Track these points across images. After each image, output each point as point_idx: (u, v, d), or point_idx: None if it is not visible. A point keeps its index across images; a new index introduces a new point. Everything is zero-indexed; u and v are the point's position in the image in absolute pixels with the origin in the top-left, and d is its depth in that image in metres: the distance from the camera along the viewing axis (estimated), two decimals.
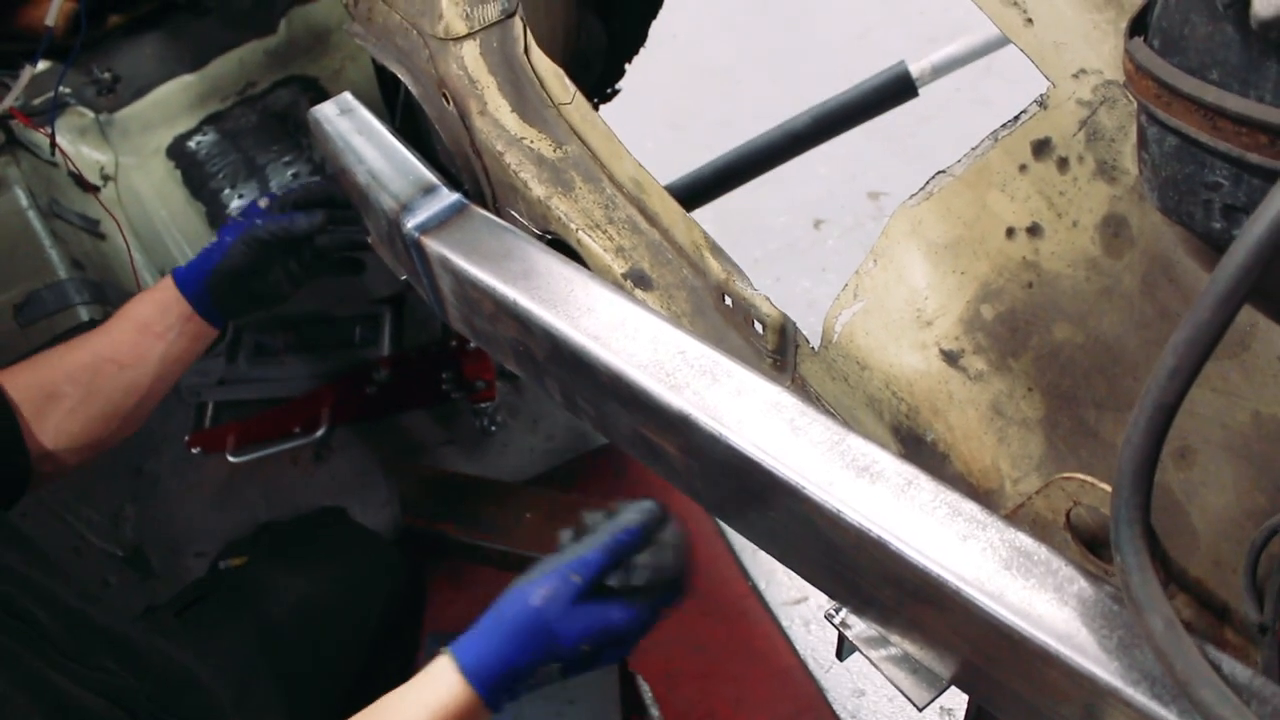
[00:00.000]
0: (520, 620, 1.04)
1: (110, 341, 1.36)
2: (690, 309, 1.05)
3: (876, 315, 0.88)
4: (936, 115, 2.39)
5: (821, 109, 1.91)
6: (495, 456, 2.13)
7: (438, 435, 2.18)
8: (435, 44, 1.19)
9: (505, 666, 1.04)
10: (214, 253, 1.37)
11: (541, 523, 1.94)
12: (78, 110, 2.14)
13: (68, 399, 1.32)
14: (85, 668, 1.09)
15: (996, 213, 0.86)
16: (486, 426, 2.10)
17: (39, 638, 1.06)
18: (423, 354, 2.02)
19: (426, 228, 1.11)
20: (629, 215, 1.10)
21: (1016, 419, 0.82)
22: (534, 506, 1.97)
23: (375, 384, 2.09)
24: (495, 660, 1.04)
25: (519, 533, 1.95)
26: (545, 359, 1.04)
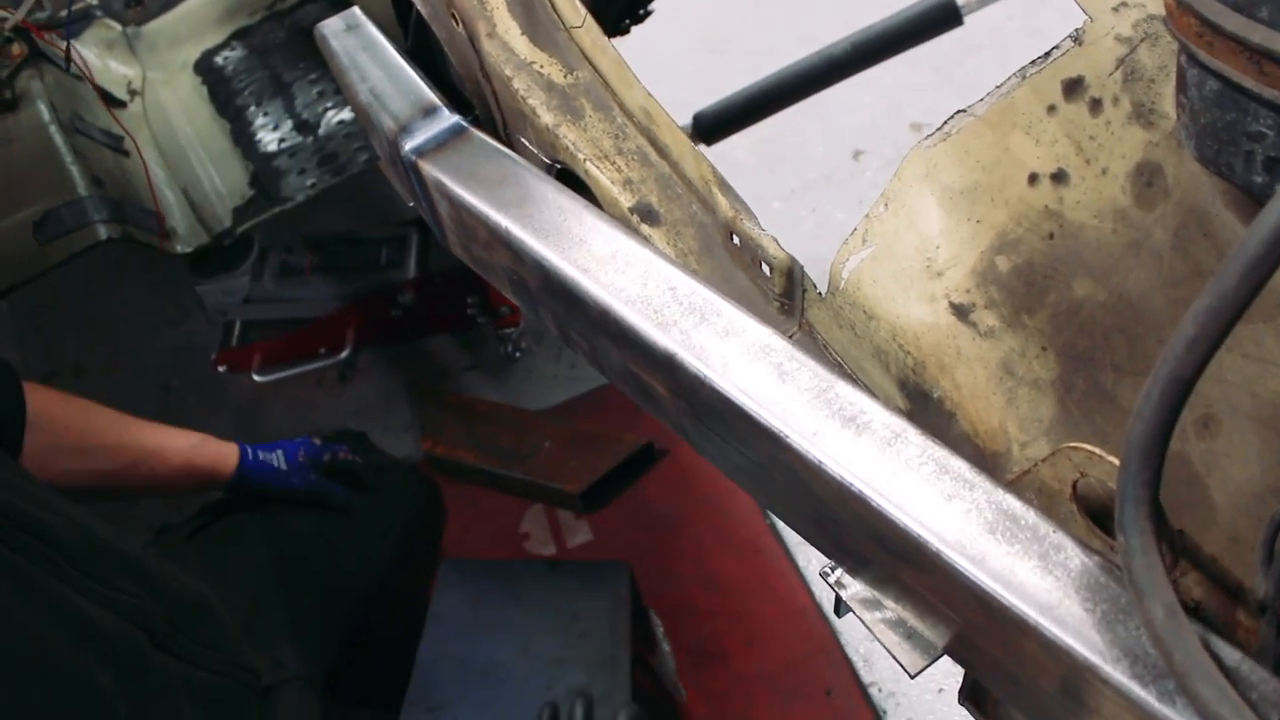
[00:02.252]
0: None
1: (160, 457, 1.48)
2: (698, 246, 1.00)
3: (885, 263, 0.83)
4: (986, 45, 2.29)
5: (861, 36, 1.82)
6: (518, 383, 2.10)
7: (462, 360, 2.16)
8: None
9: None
10: (278, 481, 1.58)
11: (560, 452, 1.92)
12: (105, 23, 2.11)
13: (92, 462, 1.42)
14: (103, 588, 1.10)
15: (1019, 157, 0.80)
16: (511, 353, 2.07)
17: (58, 558, 1.06)
18: (448, 278, 1.99)
19: (423, 150, 1.07)
20: (639, 146, 1.05)
21: (1028, 380, 0.77)
22: (553, 436, 1.95)
23: (400, 307, 2.07)
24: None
25: (537, 462, 1.93)
26: (538, 289, 1.00)
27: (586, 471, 1.87)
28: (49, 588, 1.03)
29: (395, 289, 2.03)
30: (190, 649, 1.18)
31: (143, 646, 1.12)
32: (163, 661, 1.13)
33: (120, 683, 1.06)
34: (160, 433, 1.50)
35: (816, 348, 0.92)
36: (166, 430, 1.51)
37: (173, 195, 1.84)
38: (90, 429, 1.43)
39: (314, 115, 1.93)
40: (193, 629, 1.22)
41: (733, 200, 0.96)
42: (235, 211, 1.81)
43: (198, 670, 1.18)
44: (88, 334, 2.27)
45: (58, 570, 1.06)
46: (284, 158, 1.87)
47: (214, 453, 1.53)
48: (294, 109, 1.97)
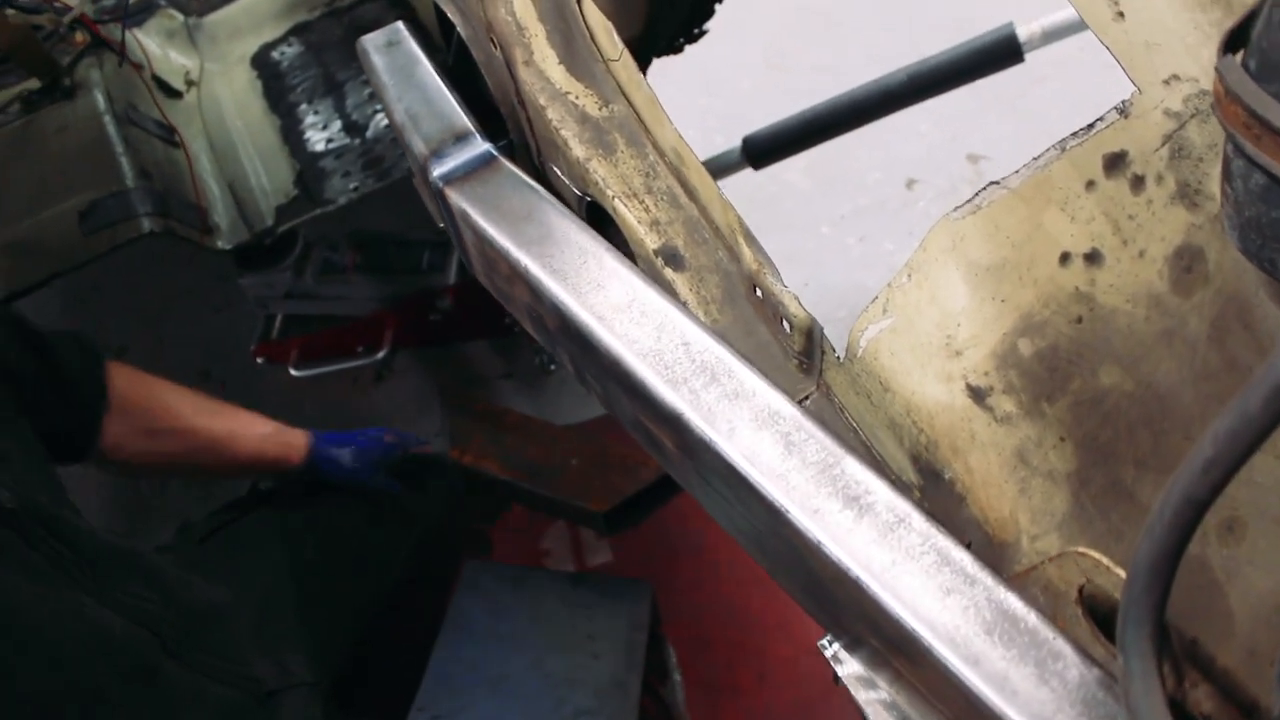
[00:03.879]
0: None
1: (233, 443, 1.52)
2: (721, 295, 0.98)
3: (904, 336, 0.80)
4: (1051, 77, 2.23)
5: (919, 68, 1.78)
6: (551, 395, 2.09)
7: (497, 367, 2.16)
8: None
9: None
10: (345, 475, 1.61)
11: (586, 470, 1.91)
12: (168, 13, 2.13)
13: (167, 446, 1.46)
14: (118, 593, 1.10)
15: (1052, 234, 0.77)
16: (545, 364, 2.06)
17: (78, 560, 1.07)
18: None
19: (451, 178, 1.06)
20: (669, 187, 1.03)
21: (1043, 470, 0.74)
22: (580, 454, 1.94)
23: (439, 311, 2.07)
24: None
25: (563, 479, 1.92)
26: (555, 330, 0.98)
27: (612, 492, 1.85)
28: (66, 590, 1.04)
29: (435, 293, 2.03)
30: (198, 657, 1.19)
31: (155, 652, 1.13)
32: (172, 669, 1.14)
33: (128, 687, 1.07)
34: (233, 419, 1.54)
35: (832, 410, 0.90)
36: (239, 416, 1.55)
37: (218, 189, 1.85)
38: (166, 412, 1.47)
39: (363, 117, 1.93)
40: (201, 637, 1.22)
41: (757, 252, 0.93)
42: (278, 210, 1.81)
43: (204, 679, 1.18)
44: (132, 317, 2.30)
45: (75, 573, 1.07)
46: (330, 159, 1.87)
47: (284, 444, 1.57)
48: (344, 109, 1.97)
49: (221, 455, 1.51)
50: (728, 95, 2.48)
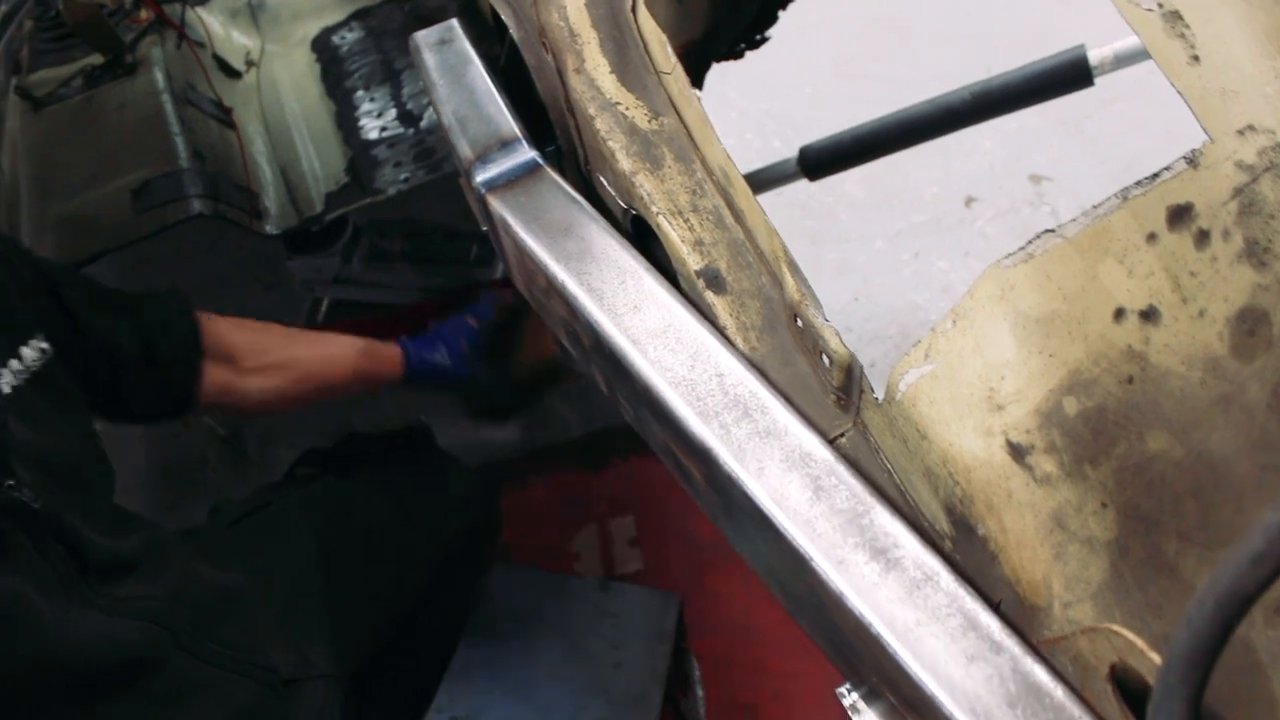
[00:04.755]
0: None
1: (328, 366, 1.56)
2: (761, 322, 0.96)
3: (945, 384, 0.77)
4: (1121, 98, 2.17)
5: (982, 87, 1.73)
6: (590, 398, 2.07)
7: None
8: None
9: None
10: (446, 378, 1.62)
11: None
12: None
13: (268, 381, 1.50)
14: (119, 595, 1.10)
15: (1107, 288, 0.73)
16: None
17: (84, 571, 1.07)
18: None
19: (494, 185, 1.04)
20: (715, 206, 1.01)
21: (1081, 536, 0.71)
22: None
23: None
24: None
25: None
26: (589, 348, 0.97)
27: None
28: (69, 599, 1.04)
29: (481, 286, 2.02)
30: (210, 649, 1.18)
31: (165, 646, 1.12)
32: (181, 661, 1.14)
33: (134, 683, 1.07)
34: (323, 343, 1.58)
35: (867, 450, 0.87)
36: (328, 340, 1.59)
37: (271, 173, 1.85)
38: (260, 349, 1.50)
39: (418, 107, 1.92)
40: (212, 629, 1.22)
41: (800, 283, 0.91)
42: (328, 197, 1.81)
43: (215, 670, 1.18)
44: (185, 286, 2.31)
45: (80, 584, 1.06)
46: (383, 147, 1.86)
47: (377, 357, 1.59)
48: (400, 98, 1.97)
49: (321, 381, 1.54)
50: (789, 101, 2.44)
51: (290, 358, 1.52)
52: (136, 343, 1.34)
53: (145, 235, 1.65)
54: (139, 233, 1.65)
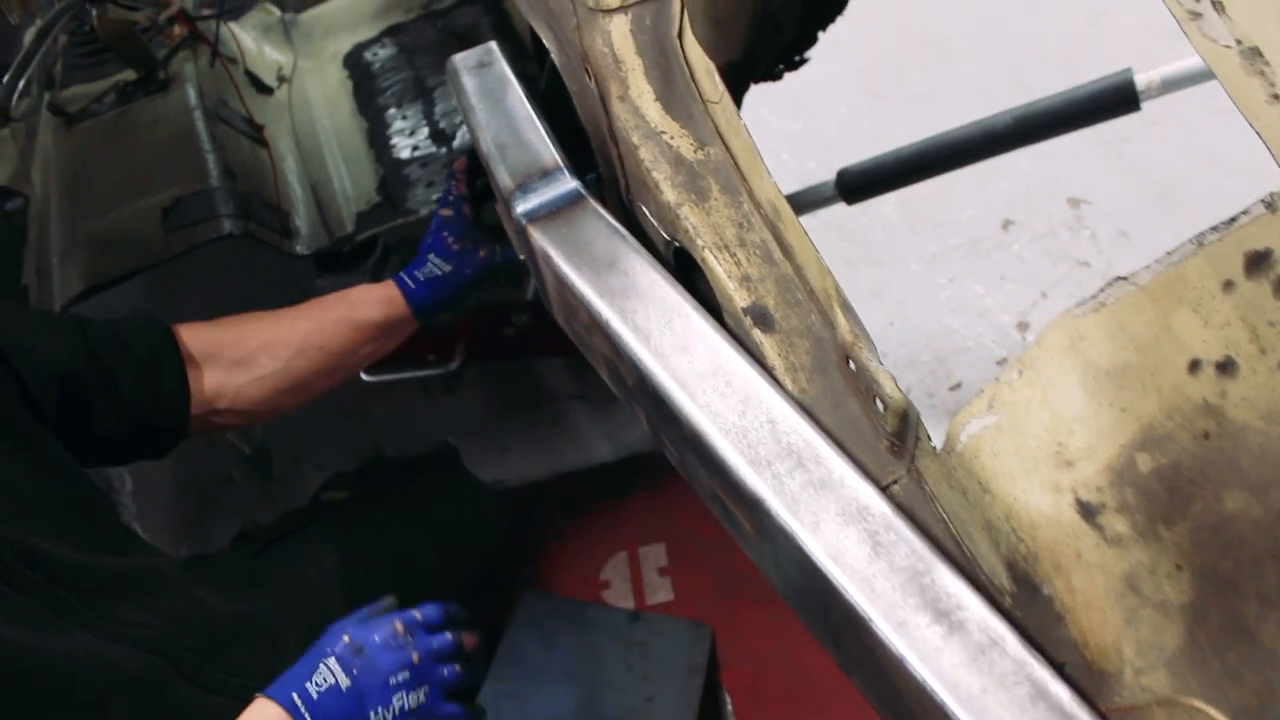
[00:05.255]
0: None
1: (320, 330, 1.41)
2: (810, 363, 0.93)
3: (1010, 437, 0.74)
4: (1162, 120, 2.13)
5: (1026, 111, 1.70)
6: (621, 421, 2.05)
7: (569, 387, 2.12)
8: (584, 12, 1.08)
9: None
10: (452, 282, 1.44)
11: None
12: (266, 7, 2.12)
13: (260, 368, 1.37)
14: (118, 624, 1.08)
15: (1182, 339, 0.70)
16: None
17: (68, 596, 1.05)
18: None
19: (535, 216, 1.02)
20: (763, 240, 0.98)
21: (1154, 599, 0.68)
22: None
23: (514, 326, 2.04)
24: None
25: None
26: (633, 386, 0.94)
27: None
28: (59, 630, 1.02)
29: (512, 308, 1.99)
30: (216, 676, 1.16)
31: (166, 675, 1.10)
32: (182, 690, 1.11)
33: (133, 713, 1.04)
34: (310, 310, 1.45)
35: (922, 499, 0.84)
36: (313, 306, 1.45)
37: (301, 192, 1.83)
38: (243, 338, 1.39)
39: (450, 126, 1.90)
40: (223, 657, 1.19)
41: (854, 324, 0.88)
42: (359, 217, 1.79)
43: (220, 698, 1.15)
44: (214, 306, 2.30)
45: (67, 608, 1.04)
46: (415, 166, 1.84)
47: (374, 301, 1.44)
48: (433, 116, 1.95)
49: (321, 347, 1.41)
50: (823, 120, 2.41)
51: (277, 336, 1.39)
52: (96, 365, 1.24)
53: (175, 254, 1.63)
54: (169, 252, 1.63)
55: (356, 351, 1.44)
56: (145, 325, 1.34)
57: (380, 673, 1.12)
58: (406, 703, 1.12)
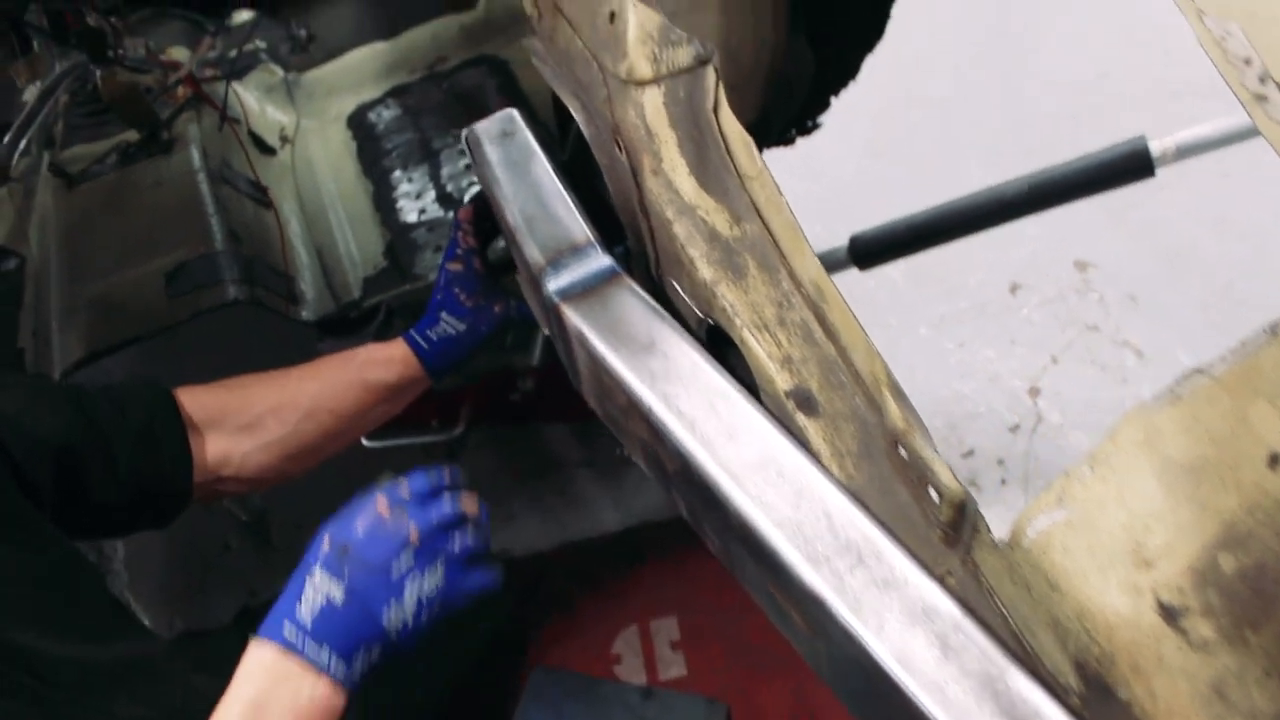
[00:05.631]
0: None
1: (330, 392, 1.35)
2: (857, 448, 0.90)
3: (1082, 534, 0.71)
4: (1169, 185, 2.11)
5: (1040, 178, 1.70)
6: (631, 488, 2.01)
7: (576, 454, 2.08)
8: (615, 84, 1.06)
9: None
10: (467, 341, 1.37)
11: None
12: (269, 67, 2.11)
13: (267, 433, 1.30)
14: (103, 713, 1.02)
15: (1259, 432, 0.68)
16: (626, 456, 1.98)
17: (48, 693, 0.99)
18: None
19: (569, 294, 0.99)
20: (803, 320, 0.95)
21: (1243, 708, 0.64)
22: None
23: (520, 391, 2.00)
24: None
25: None
26: (674, 474, 0.91)
27: None
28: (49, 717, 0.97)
29: (517, 373, 1.96)
30: None
31: None
32: None
33: None
34: (318, 370, 1.37)
35: (978, 592, 0.81)
36: (322, 365, 1.38)
37: (307, 255, 1.81)
38: (248, 402, 1.32)
39: (458, 189, 1.88)
40: None
41: (906, 410, 0.85)
42: (365, 282, 1.76)
43: None
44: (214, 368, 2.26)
45: (53, 708, 0.98)
46: (422, 231, 1.82)
47: (385, 361, 1.37)
48: (439, 178, 1.93)
49: (329, 411, 1.34)
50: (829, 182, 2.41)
51: (284, 399, 1.33)
52: (93, 435, 1.18)
53: (179, 321, 1.60)
54: (173, 318, 1.60)
55: (367, 414, 1.38)
56: (144, 391, 1.28)
57: (377, 567, 0.97)
58: (422, 589, 0.98)
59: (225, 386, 1.35)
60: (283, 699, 0.92)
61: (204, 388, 1.33)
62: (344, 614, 0.94)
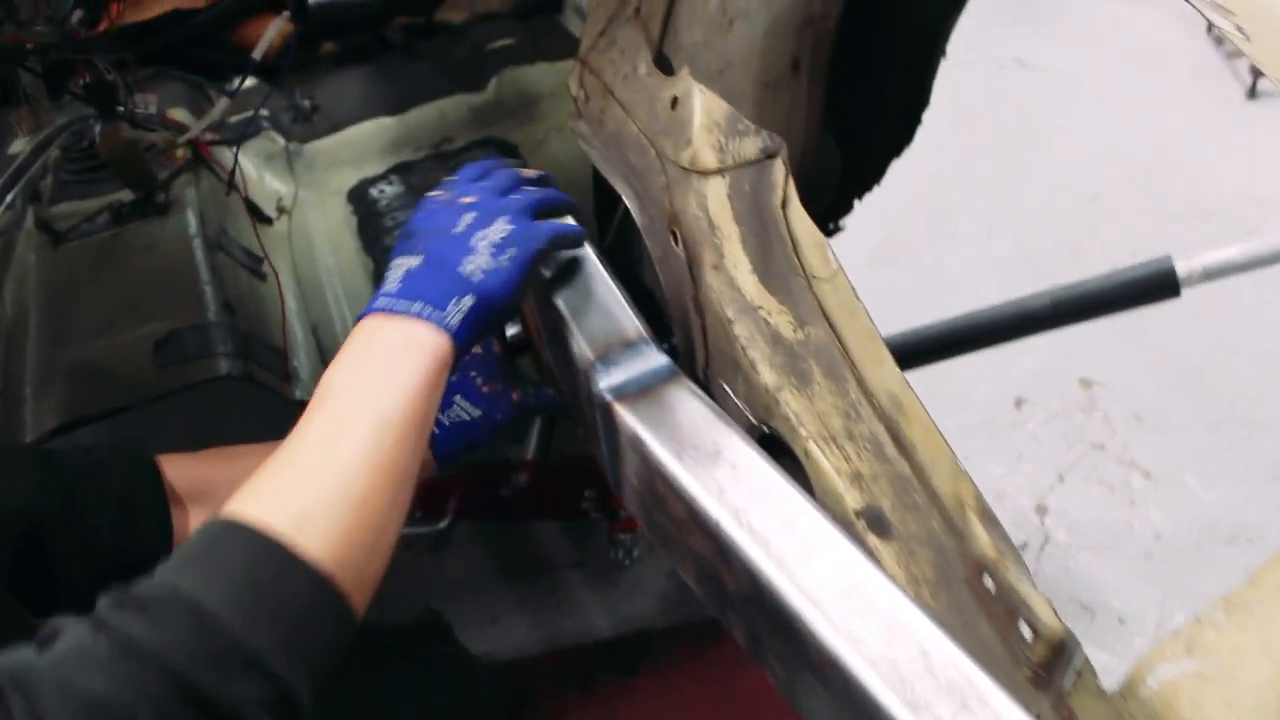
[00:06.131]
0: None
1: None
2: (934, 575, 0.83)
3: (1218, 687, 0.64)
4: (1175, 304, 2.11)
5: (1064, 294, 1.67)
6: (623, 593, 1.91)
7: (567, 554, 1.98)
8: (676, 172, 1.00)
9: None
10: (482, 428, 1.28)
11: None
12: (270, 135, 2.04)
13: None
14: None
15: None
16: (621, 559, 1.89)
17: None
18: (569, 465, 1.84)
19: (623, 393, 0.92)
20: (874, 433, 0.89)
21: None
22: None
23: (512, 486, 1.91)
24: None
25: None
26: (736, 595, 0.83)
27: None
28: None
29: (510, 466, 1.87)
30: None
31: None
32: None
33: None
34: None
35: None
36: None
37: (301, 332, 1.72)
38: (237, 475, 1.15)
39: None
40: None
41: (997, 538, 0.79)
42: None
43: None
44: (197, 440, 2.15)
45: None
46: None
47: None
48: None
49: None
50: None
51: None
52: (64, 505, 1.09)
53: (166, 393, 1.50)
54: (160, 389, 1.50)
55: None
56: (125, 456, 1.18)
57: (442, 230, 0.97)
58: (490, 237, 0.96)
59: (211, 457, 1.25)
60: (392, 337, 0.90)
61: (188, 457, 1.23)
62: (424, 271, 0.93)
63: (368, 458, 0.83)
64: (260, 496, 0.81)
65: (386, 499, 0.84)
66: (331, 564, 0.76)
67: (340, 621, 0.78)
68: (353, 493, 0.81)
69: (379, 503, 0.83)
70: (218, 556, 0.76)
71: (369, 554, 0.82)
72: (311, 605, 0.75)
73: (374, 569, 0.83)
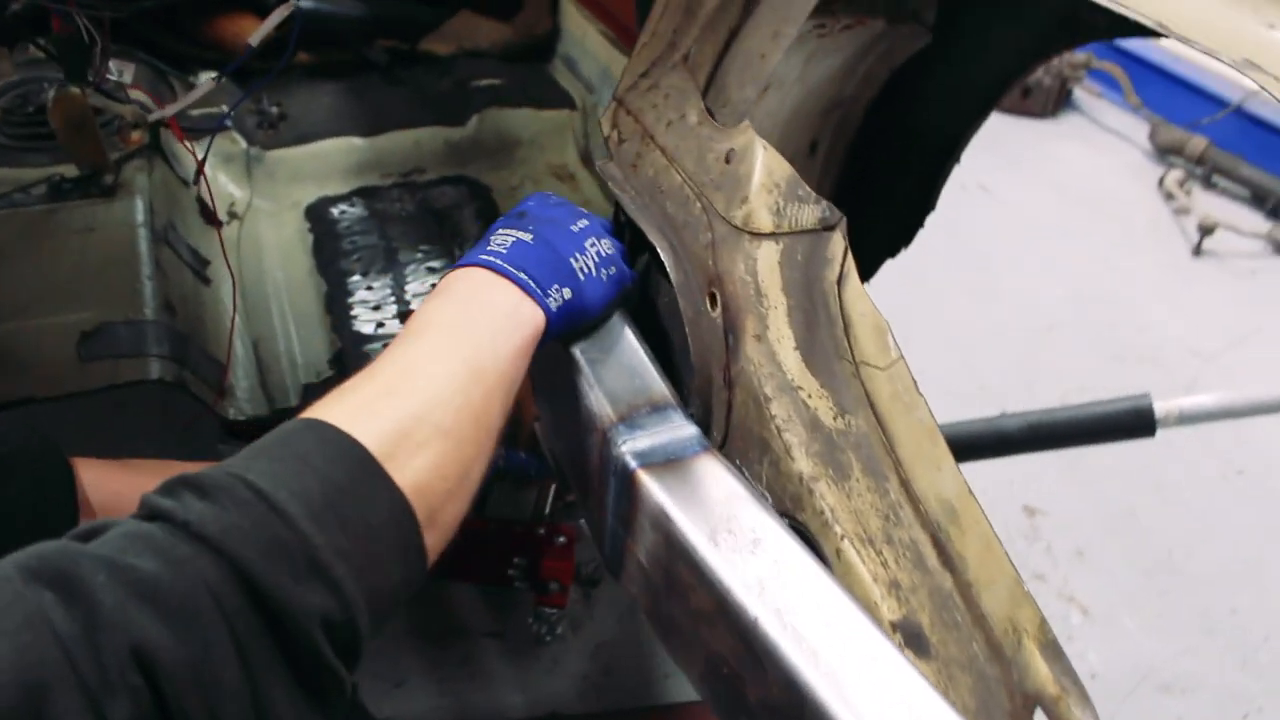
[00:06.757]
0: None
1: None
2: (975, 704, 0.75)
3: None
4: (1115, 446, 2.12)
5: (1040, 419, 1.65)
6: (541, 672, 1.79)
7: (485, 622, 1.85)
8: (724, 230, 0.93)
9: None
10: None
11: None
12: (231, 136, 1.92)
13: None
14: None
15: None
16: (542, 634, 1.77)
17: None
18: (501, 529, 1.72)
19: (649, 461, 0.83)
20: (914, 540, 0.81)
21: None
22: None
23: None
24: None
25: None
26: (761, 705, 0.73)
27: None
28: None
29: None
30: None
31: None
32: None
33: None
34: None
35: None
36: None
37: (242, 347, 1.59)
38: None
39: None
40: None
41: (1061, 674, 0.71)
42: (305, 389, 1.55)
43: None
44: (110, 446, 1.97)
45: None
46: (378, 344, 1.63)
47: None
48: (403, 294, 1.75)
49: None
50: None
51: None
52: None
53: (87, 389, 1.36)
54: (81, 385, 1.36)
55: None
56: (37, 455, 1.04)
57: (557, 220, 0.93)
58: (600, 248, 0.92)
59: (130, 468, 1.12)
60: (496, 298, 0.84)
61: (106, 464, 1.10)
62: (535, 248, 0.88)
63: (463, 396, 0.76)
64: (345, 405, 0.73)
65: (472, 447, 0.76)
66: (412, 491, 0.69)
67: (410, 556, 0.70)
68: (445, 424, 0.73)
69: (466, 444, 0.75)
70: (293, 449, 0.67)
71: (449, 495, 0.74)
72: (387, 525, 0.67)
73: (450, 515, 0.76)
